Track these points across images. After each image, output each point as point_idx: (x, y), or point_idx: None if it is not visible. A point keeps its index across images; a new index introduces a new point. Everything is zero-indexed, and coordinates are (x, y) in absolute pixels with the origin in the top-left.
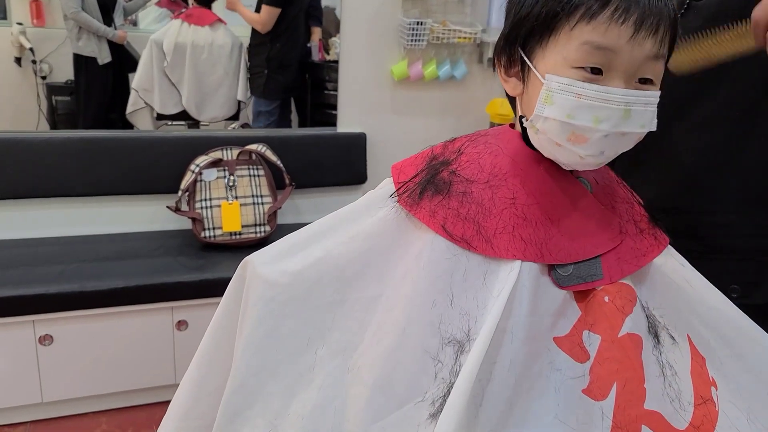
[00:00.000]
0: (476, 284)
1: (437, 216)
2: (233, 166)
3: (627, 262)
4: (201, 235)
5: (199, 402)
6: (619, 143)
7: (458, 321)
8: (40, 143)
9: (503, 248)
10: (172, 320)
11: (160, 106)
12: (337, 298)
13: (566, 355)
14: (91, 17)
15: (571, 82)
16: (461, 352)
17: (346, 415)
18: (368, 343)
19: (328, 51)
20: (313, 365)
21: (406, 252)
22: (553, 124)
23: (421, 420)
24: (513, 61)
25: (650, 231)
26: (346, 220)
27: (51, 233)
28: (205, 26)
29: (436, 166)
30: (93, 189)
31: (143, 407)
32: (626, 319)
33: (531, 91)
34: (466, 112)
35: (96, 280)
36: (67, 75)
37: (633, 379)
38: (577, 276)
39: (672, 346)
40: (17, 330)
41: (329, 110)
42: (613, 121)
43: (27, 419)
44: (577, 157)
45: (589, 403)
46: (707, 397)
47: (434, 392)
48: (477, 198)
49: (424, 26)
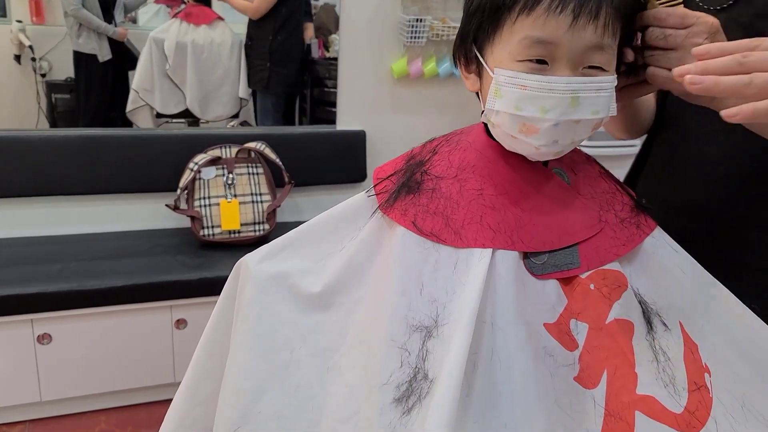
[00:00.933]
0: (446, 273)
1: (408, 214)
2: (232, 164)
3: (606, 251)
4: (200, 234)
5: (193, 409)
6: (572, 131)
7: (426, 308)
8: (39, 141)
9: (471, 238)
10: (171, 319)
11: (161, 107)
12: (323, 303)
13: (556, 341)
14: (91, 14)
15: (516, 74)
16: (428, 337)
17: (325, 411)
18: (350, 343)
19: (328, 48)
20: (287, 364)
21: (383, 253)
22: (504, 117)
23: (386, 403)
24: (470, 58)
25: (632, 220)
26: (336, 222)
27: (50, 231)
28: (204, 25)
29: (412, 166)
30: (92, 187)
31: (142, 406)
32: (614, 305)
33: (485, 86)
34: (465, 110)
35: (95, 278)
36: (66, 72)
37: (623, 365)
38: (552, 264)
39: (664, 332)
40: (16, 329)
41: (329, 107)
42: (560, 109)
43: (25, 418)
44: (532, 147)
45: (580, 391)
46: (701, 384)
47: (399, 376)
48: (445, 192)
49: (423, 23)
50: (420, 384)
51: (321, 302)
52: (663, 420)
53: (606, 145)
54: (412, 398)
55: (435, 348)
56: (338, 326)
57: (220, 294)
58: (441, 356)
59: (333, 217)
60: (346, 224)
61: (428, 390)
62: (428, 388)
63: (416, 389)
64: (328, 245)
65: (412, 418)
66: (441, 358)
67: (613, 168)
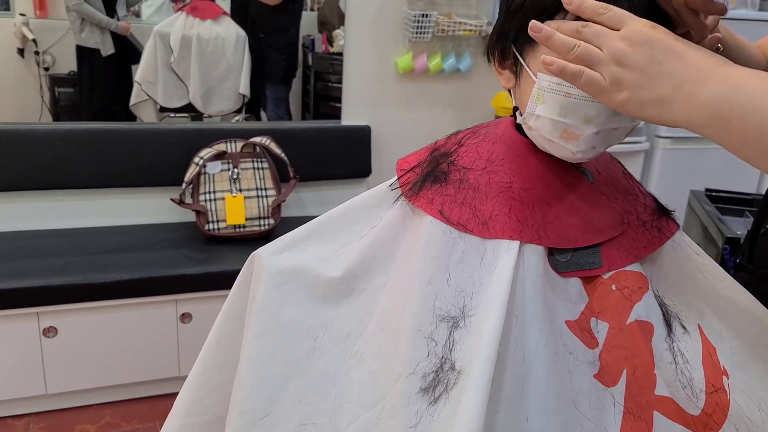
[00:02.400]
0: (473, 264)
1: (435, 202)
2: (237, 158)
3: (627, 253)
4: (205, 228)
5: (203, 398)
6: (610, 138)
7: (453, 298)
8: (42, 135)
9: (499, 229)
10: (176, 313)
11: (163, 100)
12: (343, 289)
13: (577, 339)
14: (93, 8)
15: (561, 81)
16: (455, 327)
17: (348, 398)
18: (372, 331)
19: (332, 43)
20: (312, 350)
21: (408, 240)
22: (545, 122)
23: (412, 393)
24: (506, 54)
25: (654, 223)
26: (356, 213)
27: (54, 225)
28: (209, 19)
29: (437, 157)
30: (96, 181)
31: (147, 399)
32: (634, 306)
33: (524, 86)
34: (470, 105)
35: (100, 272)
36: (70, 66)
37: (643, 366)
38: (576, 263)
39: (683, 335)
40: (21, 322)
41: (332, 102)
42: (602, 118)
43: (31, 411)
44: (569, 152)
45: (600, 388)
46: (718, 386)
47: (425, 366)
48: (473, 184)
49: (429, 19)
50: (447, 375)
51: (342, 288)
52: (680, 421)
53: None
54: (438, 388)
55: (462, 339)
56: (361, 312)
57: (232, 287)
58: (469, 347)
59: (353, 208)
60: (367, 214)
61: (455, 381)
62: (455, 379)
63: (443, 379)
64: (349, 234)
65: (438, 408)
66: (469, 350)
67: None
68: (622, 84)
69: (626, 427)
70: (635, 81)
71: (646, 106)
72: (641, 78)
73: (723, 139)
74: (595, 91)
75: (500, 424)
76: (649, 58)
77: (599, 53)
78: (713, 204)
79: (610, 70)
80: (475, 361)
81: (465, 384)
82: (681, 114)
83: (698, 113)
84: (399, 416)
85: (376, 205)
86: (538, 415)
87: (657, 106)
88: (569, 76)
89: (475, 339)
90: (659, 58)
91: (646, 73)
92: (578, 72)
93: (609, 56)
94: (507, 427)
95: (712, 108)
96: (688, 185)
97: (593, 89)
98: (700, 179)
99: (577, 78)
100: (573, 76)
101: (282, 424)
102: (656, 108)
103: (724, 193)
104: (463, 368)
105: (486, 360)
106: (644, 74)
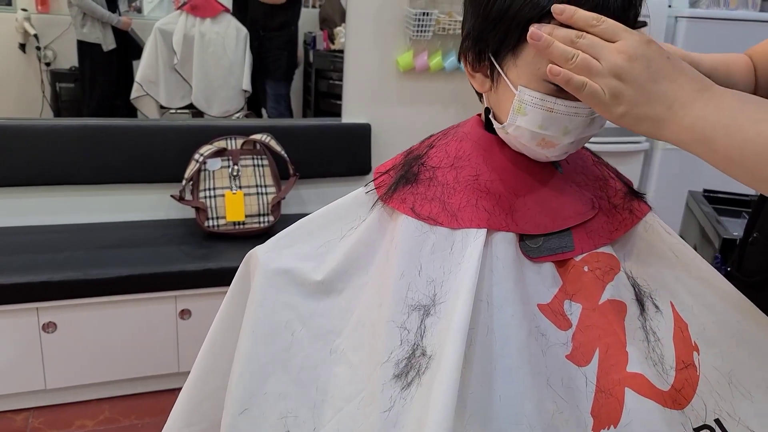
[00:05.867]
0: (443, 254)
1: (407, 201)
2: (237, 155)
3: (599, 235)
4: (204, 225)
5: (201, 403)
6: (581, 143)
7: (425, 288)
8: (43, 130)
9: (467, 219)
10: (176, 309)
11: (166, 100)
12: (324, 289)
13: (549, 321)
14: (95, 3)
15: (543, 97)
16: (427, 315)
17: (330, 392)
18: (352, 327)
19: (333, 41)
20: (290, 345)
21: (386, 241)
22: (524, 132)
23: (387, 379)
24: (481, 59)
25: (625, 206)
26: (337, 212)
27: (55, 221)
28: (209, 17)
29: (410, 161)
30: (97, 177)
31: (146, 395)
32: (607, 286)
33: (501, 94)
34: (471, 104)
35: (100, 268)
36: (71, 62)
37: (615, 344)
38: (547, 248)
39: (655, 313)
40: (21, 317)
41: (333, 100)
42: (580, 129)
43: (30, 406)
44: (543, 156)
45: (572, 368)
46: (689, 362)
47: (398, 353)
48: (442, 180)
49: (430, 17)
50: (418, 360)
51: (324, 288)
52: (651, 396)
53: (612, 141)
54: (411, 374)
55: (433, 325)
56: (342, 310)
57: (228, 289)
58: (439, 332)
59: (334, 209)
60: (347, 214)
61: (427, 366)
62: (426, 364)
63: (415, 365)
64: (330, 233)
65: (411, 392)
66: (440, 335)
67: (619, 165)
68: (620, 98)
69: (598, 404)
70: (633, 97)
71: (641, 122)
72: (638, 95)
73: (709, 158)
74: (595, 102)
75: (472, 403)
76: (646, 74)
77: (598, 65)
78: (711, 205)
79: (609, 83)
80: (445, 346)
81: (436, 368)
82: (671, 133)
83: (686, 133)
84: (374, 403)
85: (356, 206)
86: (512, 394)
87: (651, 123)
88: (573, 87)
89: (444, 324)
90: (654, 76)
91: (643, 90)
92: (582, 84)
93: (607, 69)
94: (479, 406)
95: (697, 129)
96: (687, 186)
97: (593, 101)
98: (699, 180)
99: (581, 90)
100: (576, 87)
101: (263, 417)
102: (651, 125)
103: (722, 194)
104: (434, 353)
105: (455, 343)
106: (641, 90)
